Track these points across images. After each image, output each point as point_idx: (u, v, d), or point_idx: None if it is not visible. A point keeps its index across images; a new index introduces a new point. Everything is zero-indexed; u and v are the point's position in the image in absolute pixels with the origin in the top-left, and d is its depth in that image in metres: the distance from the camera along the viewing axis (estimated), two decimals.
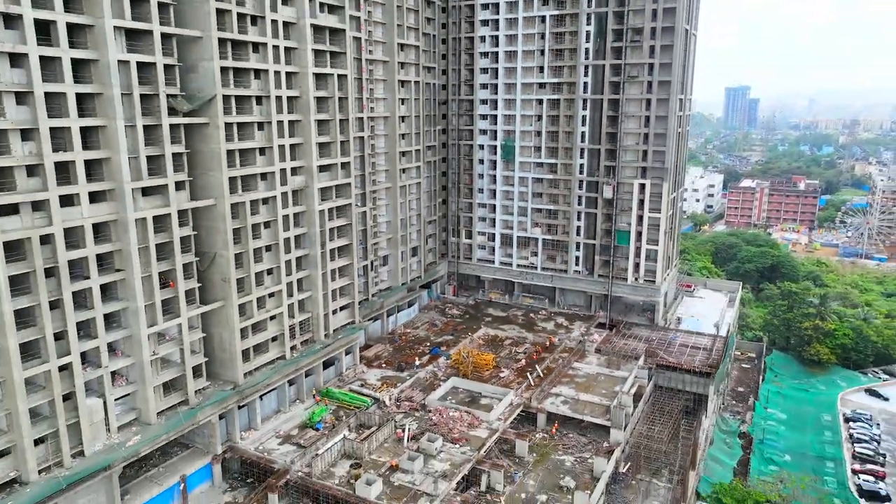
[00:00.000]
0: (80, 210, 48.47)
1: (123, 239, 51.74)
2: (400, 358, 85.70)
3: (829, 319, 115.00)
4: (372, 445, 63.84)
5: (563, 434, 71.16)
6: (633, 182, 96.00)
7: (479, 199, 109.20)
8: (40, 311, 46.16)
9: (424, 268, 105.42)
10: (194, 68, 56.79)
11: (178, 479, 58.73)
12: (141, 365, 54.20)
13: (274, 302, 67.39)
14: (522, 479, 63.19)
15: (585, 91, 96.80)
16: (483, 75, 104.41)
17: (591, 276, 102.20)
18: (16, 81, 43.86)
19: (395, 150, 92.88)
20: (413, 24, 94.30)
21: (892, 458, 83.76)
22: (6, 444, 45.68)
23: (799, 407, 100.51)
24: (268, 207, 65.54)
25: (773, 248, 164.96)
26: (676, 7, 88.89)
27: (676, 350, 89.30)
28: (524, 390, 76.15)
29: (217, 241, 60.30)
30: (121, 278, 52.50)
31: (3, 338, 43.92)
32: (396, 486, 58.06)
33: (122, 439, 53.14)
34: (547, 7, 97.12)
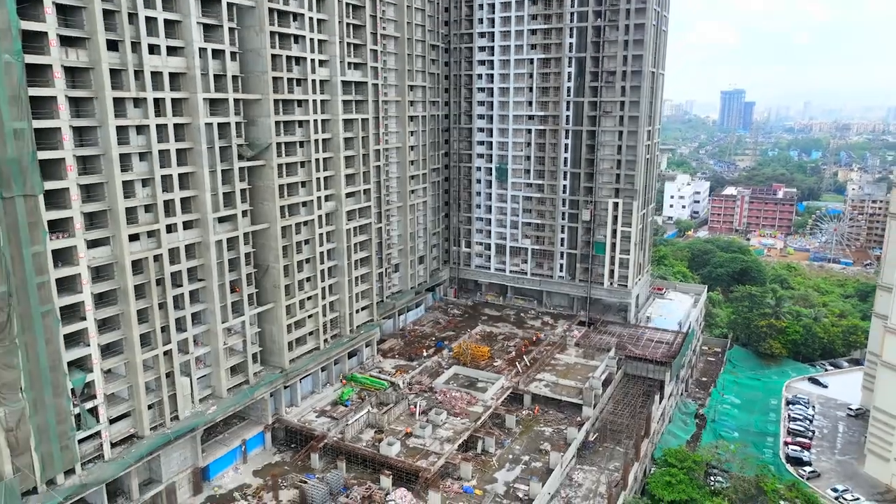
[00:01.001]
0: (178, 236, 64.94)
1: (205, 256, 68.19)
2: (410, 350, 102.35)
3: (783, 318, 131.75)
4: (390, 418, 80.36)
5: (544, 411, 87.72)
6: (609, 201, 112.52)
7: (476, 213, 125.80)
8: (152, 311, 62.60)
9: (430, 273, 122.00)
10: (254, 122, 73.25)
11: (239, 442, 75.21)
12: (216, 352, 70.70)
13: (311, 304, 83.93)
14: (510, 444, 79.75)
15: (567, 123, 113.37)
16: (480, 107, 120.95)
17: (573, 281, 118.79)
18: (139, 144, 60.30)
19: (405, 174, 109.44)
20: (420, 68, 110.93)
21: (819, 433, 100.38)
22: (128, 408, 62.10)
23: (751, 393, 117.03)
24: (307, 228, 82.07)
25: (744, 253, 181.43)
26: (643, 54, 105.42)
27: (643, 344, 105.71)
28: (513, 376, 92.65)
29: (269, 256, 76.80)
30: (202, 286, 68.95)
31: (129, 330, 60.37)
32: (411, 447, 74.55)
33: (202, 409, 69.64)
34: (535, 51, 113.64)
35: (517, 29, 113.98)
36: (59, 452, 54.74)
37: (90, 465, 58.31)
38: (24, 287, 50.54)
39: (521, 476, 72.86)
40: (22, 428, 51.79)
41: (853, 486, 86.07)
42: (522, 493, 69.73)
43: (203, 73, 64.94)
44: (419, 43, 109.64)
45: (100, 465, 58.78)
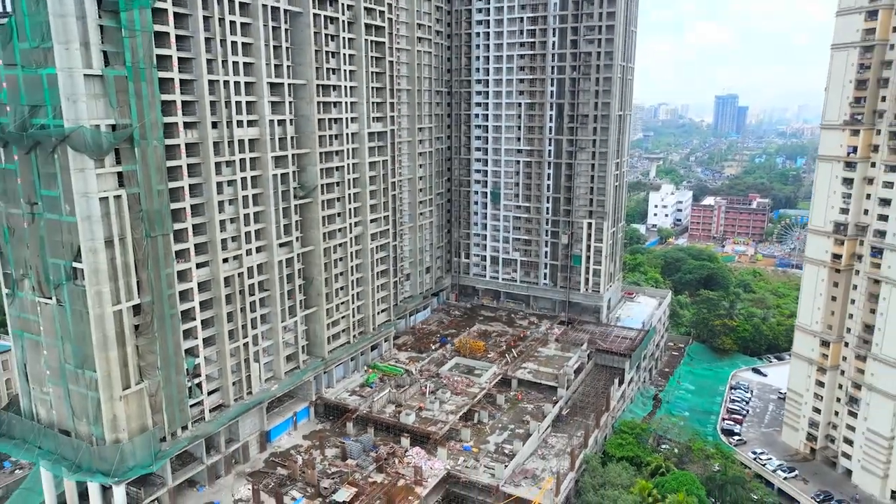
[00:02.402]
0: (252, 258, 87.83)
1: (270, 273, 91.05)
2: (420, 344, 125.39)
3: (735, 318, 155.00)
4: (406, 396, 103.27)
5: (527, 393, 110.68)
6: (584, 221, 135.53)
7: (474, 230, 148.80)
8: (235, 314, 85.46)
9: (435, 281, 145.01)
10: (305, 170, 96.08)
11: (291, 414, 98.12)
12: (277, 345, 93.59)
13: (344, 308, 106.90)
14: (500, 416, 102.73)
15: (549, 156, 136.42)
16: (477, 141, 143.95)
17: (555, 287, 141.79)
18: (229, 193, 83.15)
19: (415, 199, 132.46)
20: (427, 112, 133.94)
21: (752, 411, 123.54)
22: (219, 385, 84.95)
23: (704, 381, 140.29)
24: (342, 248, 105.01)
25: (711, 261, 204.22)
26: (611, 101, 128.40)
27: (611, 340, 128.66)
28: (503, 365, 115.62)
29: (314, 271, 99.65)
30: (268, 295, 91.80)
31: (221, 327, 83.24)
32: (423, 417, 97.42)
33: (267, 387, 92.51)
34: (522, 97, 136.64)
35: (508, 78, 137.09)
36: (179, 413, 77.58)
37: (196, 424, 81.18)
38: (160, 297, 73.35)
39: (507, 439, 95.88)
40: (158, 395, 74.72)
41: (770, 450, 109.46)
42: (508, 450, 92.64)
43: (271, 138, 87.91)
44: (426, 91, 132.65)
45: (202, 425, 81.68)
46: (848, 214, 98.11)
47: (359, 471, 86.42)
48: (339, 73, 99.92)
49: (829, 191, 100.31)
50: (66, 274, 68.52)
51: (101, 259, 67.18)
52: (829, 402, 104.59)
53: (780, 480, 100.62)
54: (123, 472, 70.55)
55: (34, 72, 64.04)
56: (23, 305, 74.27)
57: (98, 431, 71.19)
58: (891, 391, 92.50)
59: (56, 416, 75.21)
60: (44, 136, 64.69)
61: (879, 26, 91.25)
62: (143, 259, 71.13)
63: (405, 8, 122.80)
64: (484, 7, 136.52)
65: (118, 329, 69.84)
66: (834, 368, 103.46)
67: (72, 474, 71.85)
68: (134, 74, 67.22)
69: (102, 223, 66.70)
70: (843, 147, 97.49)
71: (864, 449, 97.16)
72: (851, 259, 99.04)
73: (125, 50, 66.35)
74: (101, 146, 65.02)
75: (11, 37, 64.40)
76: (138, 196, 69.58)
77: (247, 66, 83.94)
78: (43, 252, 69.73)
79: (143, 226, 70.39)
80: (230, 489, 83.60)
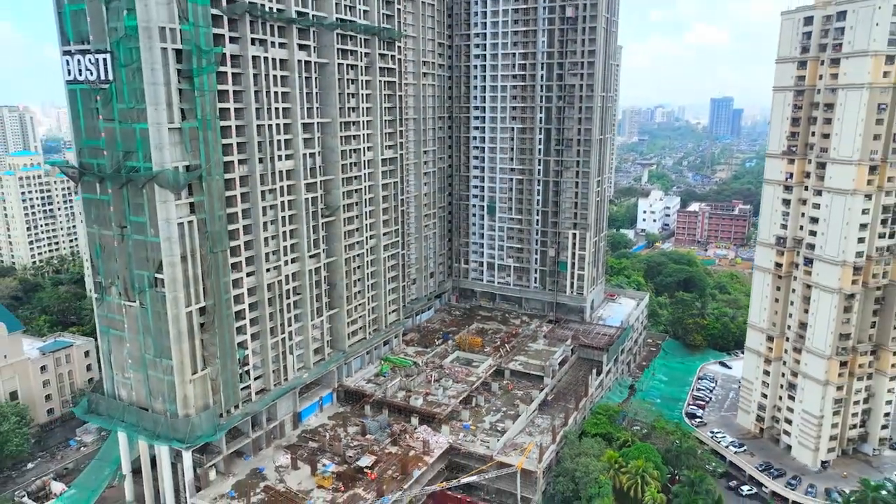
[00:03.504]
0: (289, 268, 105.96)
1: (302, 280, 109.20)
2: (425, 340, 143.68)
3: (706, 318, 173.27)
4: (415, 383, 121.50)
5: (517, 381, 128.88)
6: (569, 232, 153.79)
7: (472, 239, 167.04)
8: (275, 314, 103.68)
9: (437, 284, 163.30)
10: (330, 192, 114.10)
11: (318, 398, 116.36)
12: (307, 340, 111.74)
13: (361, 308, 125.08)
14: (494, 401, 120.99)
15: (539, 174, 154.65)
16: (475, 160, 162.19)
17: (544, 290, 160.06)
18: (270, 216, 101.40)
19: (420, 213, 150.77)
20: (431, 136, 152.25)
21: (714, 398, 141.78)
22: (262, 372, 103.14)
23: (676, 373, 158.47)
24: (359, 258, 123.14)
25: (690, 265, 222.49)
26: (592, 127, 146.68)
27: (592, 336, 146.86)
28: (498, 358, 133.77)
29: (337, 277, 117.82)
30: (300, 297, 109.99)
31: (264, 325, 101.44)
32: (429, 401, 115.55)
33: (299, 375, 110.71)
34: (515, 122, 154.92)
35: (502, 105, 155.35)
36: (232, 395, 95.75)
37: (245, 404, 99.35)
38: (220, 301, 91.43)
39: (500, 419, 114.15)
40: (217, 379, 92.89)
41: (727, 430, 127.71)
42: (501, 428, 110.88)
43: (304, 168, 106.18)
44: (430, 119, 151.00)
45: (250, 405, 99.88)
46: (787, 230, 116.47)
47: (376, 444, 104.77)
48: (358, 111, 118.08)
49: (772, 209, 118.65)
50: (148, 282, 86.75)
51: (178, 271, 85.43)
52: (774, 388, 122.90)
53: (731, 454, 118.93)
54: (193, 440, 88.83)
55: (129, 126, 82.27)
56: (109, 307, 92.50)
57: (172, 408, 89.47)
58: (819, 377, 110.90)
59: (135, 396, 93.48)
60: (136, 175, 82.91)
61: (808, 74, 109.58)
62: (208, 270, 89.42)
63: (412, 48, 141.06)
64: (481, 43, 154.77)
65: (189, 326, 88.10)
66: (777, 360, 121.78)
67: (153, 441, 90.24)
68: (203, 125, 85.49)
69: (179, 243, 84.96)
70: (783, 173, 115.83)
71: (800, 427, 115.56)
72: (790, 267, 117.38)
73: (196, 107, 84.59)
74: (179, 183, 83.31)
75: (111, 99, 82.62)
76: (205, 220, 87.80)
77: (285, 110, 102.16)
78: (130, 265, 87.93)
79: (208, 244, 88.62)
80: (271, 458, 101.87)
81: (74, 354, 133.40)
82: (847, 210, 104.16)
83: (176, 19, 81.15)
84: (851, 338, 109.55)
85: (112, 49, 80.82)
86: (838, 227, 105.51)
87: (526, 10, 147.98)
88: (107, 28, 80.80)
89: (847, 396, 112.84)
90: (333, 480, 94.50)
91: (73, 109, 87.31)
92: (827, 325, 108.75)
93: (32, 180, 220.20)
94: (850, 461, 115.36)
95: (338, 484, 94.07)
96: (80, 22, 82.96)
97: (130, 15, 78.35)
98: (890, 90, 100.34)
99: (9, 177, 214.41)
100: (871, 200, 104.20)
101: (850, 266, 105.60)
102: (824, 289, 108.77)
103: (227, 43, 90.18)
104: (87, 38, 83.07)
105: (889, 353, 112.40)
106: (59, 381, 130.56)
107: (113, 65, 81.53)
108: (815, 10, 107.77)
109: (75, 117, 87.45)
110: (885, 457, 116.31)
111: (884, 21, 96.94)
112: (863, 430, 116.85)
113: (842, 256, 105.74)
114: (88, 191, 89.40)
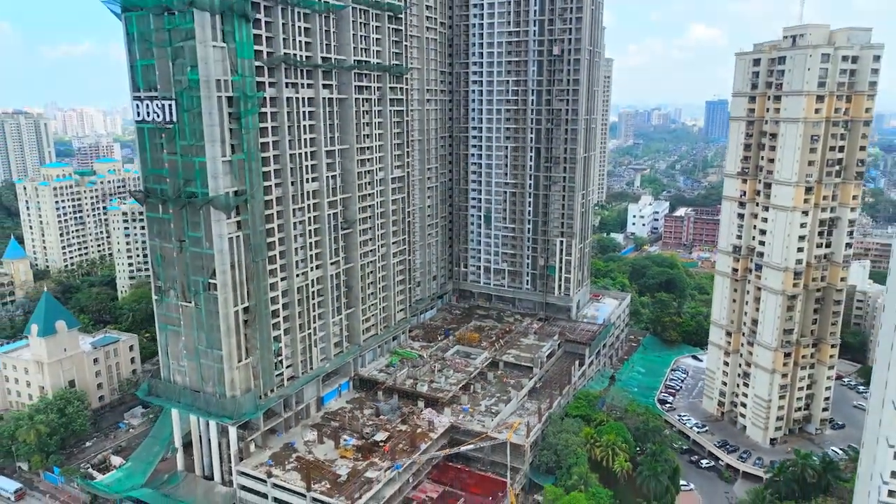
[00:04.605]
0: (314, 273, 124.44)
1: (325, 284, 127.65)
2: (429, 336, 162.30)
3: (682, 316, 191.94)
4: (420, 372, 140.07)
5: (510, 371, 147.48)
6: (557, 239, 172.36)
7: (471, 245, 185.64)
8: (304, 313, 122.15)
9: (439, 286, 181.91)
10: (348, 207, 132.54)
11: (337, 385, 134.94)
12: (328, 335, 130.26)
13: (374, 307, 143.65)
14: (489, 388, 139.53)
15: (530, 188, 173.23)
16: (473, 175, 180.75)
17: (535, 291, 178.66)
18: (299, 230, 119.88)
19: (424, 223, 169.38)
20: (434, 154, 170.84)
21: (685, 387, 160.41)
22: (290, 362, 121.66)
23: (653, 365, 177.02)
24: (372, 264, 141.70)
25: (672, 267, 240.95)
26: (577, 147, 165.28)
27: (577, 332, 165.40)
28: (493, 351, 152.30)
29: (353, 280, 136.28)
30: (322, 299, 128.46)
31: (294, 322, 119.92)
32: (433, 387, 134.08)
33: (322, 364, 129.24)
34: (509, 141, 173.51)
35: (497, 126, 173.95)
36: (269, 380, 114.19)
37: (278, 388, 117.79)
38: (260, 302, 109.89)
39: (494, 403, 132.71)
40: (257, 367, 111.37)
41: (693, 414, 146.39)
42: (495, 410, 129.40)
43: (327, 188, 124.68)
44: (433, 139, 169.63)
45: (282, 389, 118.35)
46: (741, 240, 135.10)
47: (389, 423, 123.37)
48: (372, 137, 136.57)
49: (730, 222, 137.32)
50: (202, 286, 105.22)
51: (228, 277, 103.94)
52: (733, 377, 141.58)
53: (694, 434, 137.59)
54: (239, 417, 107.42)
55: (190, 159, 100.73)
56: (168, 307, 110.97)
57: (221, 390, 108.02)
58: (767, 367, 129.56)
59: (189, 381, 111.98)
60: (194, 199, 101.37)
61: (757, 107, 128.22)
62: (251, 276, 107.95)
63: (417, 78, 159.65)
64: (478, 71, 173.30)
65: (235, 323, 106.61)
66: (735, 352, 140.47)
67: (207, 417, 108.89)
68: (248, 157, 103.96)
69: (229, 254, 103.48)
70: (738, 191, 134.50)
71: (752, 410, 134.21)
72: (744, 272, 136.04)
73: (243, 142, 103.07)
74: (229, 205, 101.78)
75: (174, 137, 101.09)
76: (249, 235, 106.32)
77: (312, 140, 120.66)
78: (187, 272, 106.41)
79: (251, 254, 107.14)
80: (300, 435, 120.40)
81: (121, 348, 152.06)
82: (788, 224, 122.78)
83: (228, 72, 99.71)
84: (794, 332, 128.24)
85: (176, 97, 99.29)
86: (782, 239, 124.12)
87: (518, 42, 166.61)
88: (172, 80, 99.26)
89: (792, 383, 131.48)
90: (354, 452, 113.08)
91: (140, 144, 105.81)
92: (773, 321, 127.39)
93: (65, 190, 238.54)
94: (797, 439, 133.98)
95: (358, 455, 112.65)
96: (150, 74, 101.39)
97: (193, 70, 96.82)
98: (822, 123, 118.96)
99: (44, 187, 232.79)
100: (809, 216, 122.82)
101: (791, 271, 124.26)
102: (771, 291, 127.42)
103: (267, 88, 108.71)
104: (155, 86, 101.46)
105: (828, 346, 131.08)
106: (108, 371, 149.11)
107: (177, 109, 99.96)
108: (762, 53, 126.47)
109: (142, 150, 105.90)
110: (826, 435, 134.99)
111: (814, 66, 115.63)
112: (807, 412, 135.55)
113: (784, 263, 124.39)
114: (152, 210, 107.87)
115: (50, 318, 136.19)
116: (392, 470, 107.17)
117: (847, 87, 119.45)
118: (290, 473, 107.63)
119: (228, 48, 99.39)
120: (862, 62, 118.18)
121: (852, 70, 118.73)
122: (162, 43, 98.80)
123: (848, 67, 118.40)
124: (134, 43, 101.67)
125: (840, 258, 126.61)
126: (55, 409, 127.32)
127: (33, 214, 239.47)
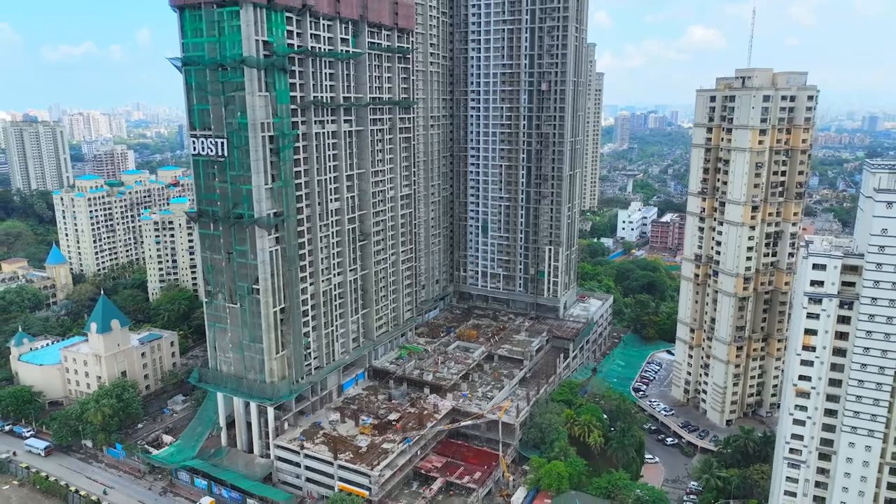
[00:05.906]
0: (337, 279, 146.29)
1: (345, 288, 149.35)
2: (433, 333, 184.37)
3: (659, 315, 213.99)
4: (426, 364, 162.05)
5: (503, 364, 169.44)
6: (546, 247, 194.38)
7: (470, 252, 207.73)
8: (328, 312, 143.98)
9: (442, 288, 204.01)
10: (363, 221, 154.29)
11: (354, 375, 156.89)
12: (347, 332, 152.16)
13: (385, 308, 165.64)
14: (485, 377, 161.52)
15: (522, 202, 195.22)
16: (472, 189, 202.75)
17: (527, 293, 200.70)
18: (323, 243, 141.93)
19: (428, 233, 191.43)
20: (436, 172, 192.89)
21: (657, 378, 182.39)
22: (317, 354, 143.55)
23: (632, 359, 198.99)
24: (384, 270, 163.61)
25: (655, 270, 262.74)
26: (563, 165, 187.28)
27: (563, 329, 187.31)
28: (489, 346, 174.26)
29: (368, 284, 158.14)
30: (342, 301, 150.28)
31: (319, 321, 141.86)
32: (437, 377, 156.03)
33: (342, 357, 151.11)
34: (503, 160, 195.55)
35: (493, 147, 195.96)
36: (299, 369, 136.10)
37: (307, 377, 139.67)
38: (293, 303, 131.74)
39: (489, 390, 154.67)
40: (290, 358, 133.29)
41: (662, 400, 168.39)
42: (490, 396, 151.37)
43: (346, 206, 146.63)
44: (436, 159, 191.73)
45: (310, 377, 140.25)
46: (702, 250, 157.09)
47: (399, 406, 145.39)
48: (384, 161, 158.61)
49: (692, 234, 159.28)
50: (247, 291, 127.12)
51: (268, 283, 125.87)
52: (696, 367, 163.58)
53: (662, 416, 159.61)
54: (277, 399, 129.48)
55: (238, 186, 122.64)
56: (216, 308, 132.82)
57: (261, 377, 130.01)
58: (723, 358, 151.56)
59: (233, 369, 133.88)
60: (242, 220, 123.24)
61: (714, 137, 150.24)
62: (286, 282, 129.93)
63: (422, 106, 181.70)
64: (476, 98, 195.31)
65: (274, 321, 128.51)
66: (698, 346, 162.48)
67: (250, 399, 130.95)
68: (285, 184, 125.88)
69: (269, 264, 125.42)
70: (698, 207, 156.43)
71: (711, 395, 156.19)
72: (705, 277, 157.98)
73: (281, 172, 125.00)
74: (270, 224, 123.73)
75: (225, 168, 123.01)
76: (284, 249, 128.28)
77: (334, 167, 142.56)
78: (234, 279, 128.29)
79: (286, 264, 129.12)
80: (325, 416, 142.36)
81: (163, 344, 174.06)
82: (738, 237, 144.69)
83: (270, 115, 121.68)
84: (746, 329, 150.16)
85: (228, 136, 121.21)
86: (733, 249, 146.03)
87: (511, 74, 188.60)
88: (224, 122, 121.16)
89: (744, 373, 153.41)
90: (371, 429, 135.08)
91: (196, 173, 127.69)
92: (727, 320, 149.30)
93: (97, 200, 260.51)
94: (750, 420, 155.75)
95: (374, 432, 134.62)
96: (205, 117, 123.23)
97: (242, 115, 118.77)
98: (765, 152, 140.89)
99: (79, 198, 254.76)
100: (756, 230, 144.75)
101: (741, 277, 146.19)
102: (725, 293, 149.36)
103: (300, 126, 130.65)
104: (210, 126, 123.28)
105: (775, 341, 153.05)
106: (153, 364, 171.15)
107: (227, 146, 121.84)
108: (717, 91, 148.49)
109: (197, 177, 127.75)
110: (775, 417, 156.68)
111: (757, 105, 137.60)
112: (758, 397, 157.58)
113: (736, 270, 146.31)
114: (204, 227, 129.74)
115: (107, 318, 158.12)
116: (404, 443, 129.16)
117: (787, 122, 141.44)
118: (318, 446, 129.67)
119: (270, 96, 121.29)
120: (798, 101, 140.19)
121: (791, 108, 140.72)
122: (216, 92, 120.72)
123: (787, 105, 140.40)
124: (192, 91, 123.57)
125: (784, 265, 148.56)
126: (114, 395, 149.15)
127: (69, 223, 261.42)
